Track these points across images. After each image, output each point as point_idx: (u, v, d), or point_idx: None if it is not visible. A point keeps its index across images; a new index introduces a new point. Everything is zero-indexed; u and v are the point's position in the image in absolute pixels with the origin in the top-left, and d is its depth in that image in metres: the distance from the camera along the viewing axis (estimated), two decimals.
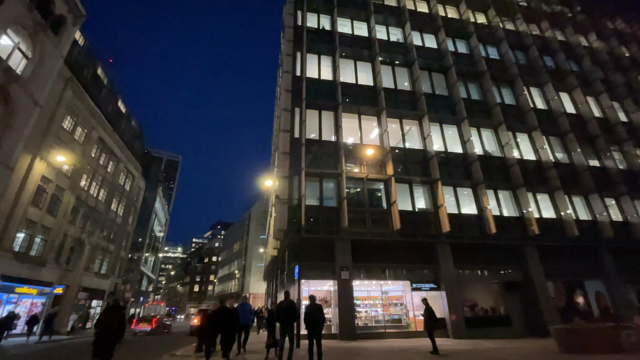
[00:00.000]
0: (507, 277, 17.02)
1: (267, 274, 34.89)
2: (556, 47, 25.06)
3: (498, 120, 20.17)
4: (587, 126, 21.81)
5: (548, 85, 22.78)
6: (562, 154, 20.73)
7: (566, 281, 17.54)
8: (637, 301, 17.73)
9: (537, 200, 18.82)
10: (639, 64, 27.05)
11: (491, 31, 24.72)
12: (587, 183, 19.43)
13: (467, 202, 18.06)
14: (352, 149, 17.65)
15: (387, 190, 17.03)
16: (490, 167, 18.95)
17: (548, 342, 12.31)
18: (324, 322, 8.82)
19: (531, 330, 15.98)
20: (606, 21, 28.99)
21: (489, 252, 17.10)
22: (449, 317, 15.08)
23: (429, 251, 16.50)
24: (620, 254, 18.24)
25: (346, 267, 14.96)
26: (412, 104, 19.92)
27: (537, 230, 17.04)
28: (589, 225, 18.52)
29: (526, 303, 16.65)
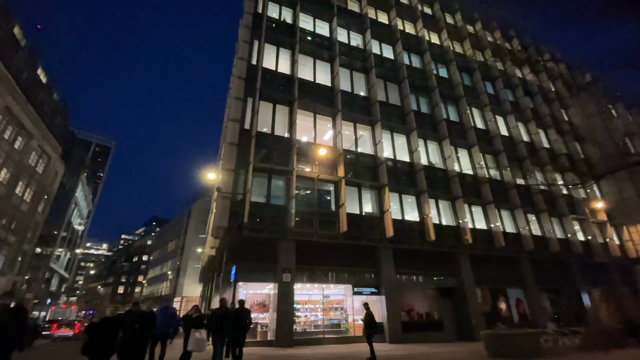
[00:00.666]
0: (442, 283, 17.79)
1: (204, 276, 32.44)
2: (496, 75, 27.58)
3: (443, 134, 21.31)
4: (517, 148, 24.21)
5: (487, 108, 24.84)
6: (495, 171, 22.62)
7: (492, 288, 18.93)
8: (550, 308, 19.88)
9: (472, 211, 20.18)
10: (561, 98, 31.13)
11: (443, 52, 26.30)
12: (514, 199, 21.42)
13: (411, 209, 18.60)
14: (305, 148, 17.06)
15: (337, 192, 16.73)
16: (433, 177, 19.82)
17: (476, 346, 12.92)
18: (247, 328, 8.63)
19: (460, 334, 16.83)
20: (537, 58, 32.90)
21: (427, 259, 17.72)
22: (386, 322, 15.13)
23: (372, 255, 16.54)
24: (538, 265, 20.34)
25: (289, 270, 14.19)
26: (366, 109, 20.08)
27: (470, 239, 18.15)
28: (514, 237, 20.35)
29: (457, 308, 17.55)
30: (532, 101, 28.39)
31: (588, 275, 21.81)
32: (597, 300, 21.73)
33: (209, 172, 17.48)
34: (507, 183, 22.03)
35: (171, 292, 52.66)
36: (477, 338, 16.04)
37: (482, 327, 16.63)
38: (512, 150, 24.03)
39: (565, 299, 21.01)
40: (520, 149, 24.18)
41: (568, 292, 21.14)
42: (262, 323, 14.10)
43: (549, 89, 30.89)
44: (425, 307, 17.20)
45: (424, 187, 18.56)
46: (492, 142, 23.46)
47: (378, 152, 18.58)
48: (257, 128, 16.00)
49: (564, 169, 25.63)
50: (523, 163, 23.79)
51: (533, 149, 25.20)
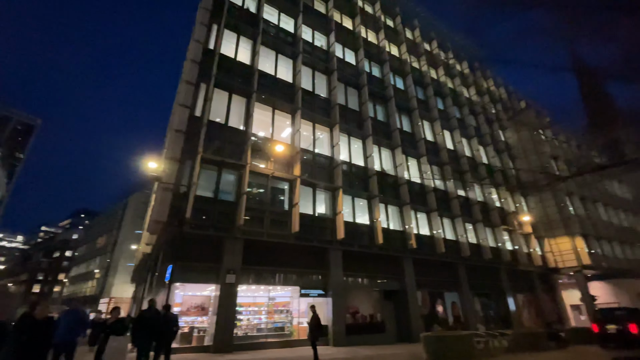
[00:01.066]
0: (386, 286, 18.24)
1: (137, 276, 29.57)
2: (446, 92, 29.50)
3: (396, 143, 22.08)
4: (460, 162, 26.05)
5: (437, 122, 26.38)
6: (440, 181, 24.03)
7: (431, 292, 19.93)
8: (480, 311, 21.52)
9: (417, 218, 21.13)
10: (501, 120, 34.38)
11: (401, 64, 27.42)
12: (455, 208, 22.92)
13: (362, 212, 18.85)
14: (261, 143, 16.36)
15: (291, 191, 16.28)
16: (384, 183, 20.37)
17: (415, 347, 13.33)
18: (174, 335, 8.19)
19: (400, 336, 17.36)
20: (483, 81, 35.98)
21: (374, 261, 18.06)
22: (332, 325, 14.99)
23: (322, 257, 16.36)
24: (472, 271, 21.93)
25: (234, 270, 13.33)
26: (326, 111, 20.01)
27: (414, 244, 18.92)
28: (453, 244, 21.71)
29: (399, 310, 18.11)
30: (475, 120, 30.88)
31: (514, 281, 24.13)
32: (520, 305, 24.13)
33: (150, 161, 15.85)
34: (449, 193, 23.52)
35: (97, 292, 47.32)
36: (416, 339, 16.68)
37: (420, 329, 17.39)
38: (456, 163, 25.79)
39: (494, 302, 22.97)
40: (463, 162, 26.05)
41: (496, 296, 23.15)
42: (199, 327, 13.02)
43: (490, 110, 33.93)
44: (370, 309, 17.46)
45: (376, 191, 18.97)
46: (439, 154, 24.91)
47: (335, 154, 18.56)
48: (210, 117, 14.93)
49: (499, 184, 28.25)
50: (464, 176, 25.65)
51: (474, 164, 27.35)
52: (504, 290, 23.22)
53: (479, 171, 27.15)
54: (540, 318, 24.46)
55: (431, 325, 18.51)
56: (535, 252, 26.99)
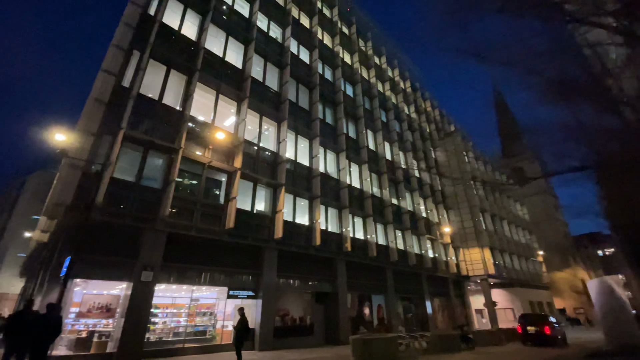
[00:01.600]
0: (318, 288, 18.12)
1: (28, 269, 24.68)
2: (390, 107, 31.11)
3: (341, 147, 22.41)
4: (396, 172, 27.56)
5: (379, 133, 27.58)
6: (377, 189, 25.05)
7: (360, 294, 20.47)
8: (402, 314, 22.77)
9: (354, 222, 21.62)
10: (433, 139, 37.52)
11: (352, 72, 28.10)
12: (388, 215, 24.07)
13: (302, 212, 18.53)
14: (200, 128, 14.92)
15: (229, 184, 15.15)
16: (327, 185, 20.42)
17: (342, 350, 13.36)
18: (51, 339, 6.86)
19: (328, 339, 17.35)
20: (422, 102, 38.94)
21: (309, 263, 17.83)
22: (259, 328, 14.22)
23: (256, 256, 15.52)
24: (398, 275, 23.18)
25: (152, 267, 11.73)
26: (275, 105, 19.29)
27: (349, 247, 19.25)
28: (383, 249, 22.72)
29: (328, 313, 18.12)
30: (412, 136, 33.17)
31: (432, 286, 26.23)
32: (436, 309, 26.31)
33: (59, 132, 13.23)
34: (384, 201, 24.66)
35: None
36: (343, 342, 16.86)
37: (348, 331, 17.63)
38: (392, 173, 27.23)
39: (414, 306, 24.61)
40: (398, 173, 27.61)
41: (417, 300, 24.87)
42: (101, 331, 11.09)
43: (425, 129, 36.84)
44: (300, 311, 17.12)
45: (318, 192, 18.85)
46: (378, 163, 26.01)
47: (280, 151, 17.94)
48: (141, 90, 13.07)
49: (427, 196, 30.68)
50: (399, 186, 27.21)
51: (407, 176, 29.21)
52: (424, 294, 25.06)
53: (411, 183, 29.08)
54: (451, 321, 27.00)
55: (357, 328, 18.95)
56: (452, 260, 29.87)
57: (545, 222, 49.79)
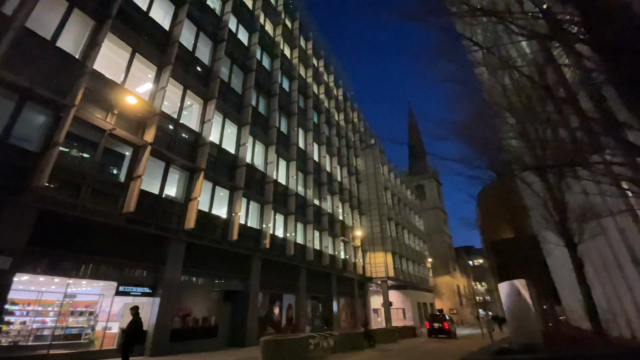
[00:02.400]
0: (229, 286, 16.80)
1: None
2: (322, 110, 31.57)
3: (272, 140, 21.56)
4: (321, 174, 27.99)
5: (310, 134, 27.64)
6: (302, 188, 24.94)
7: (273, 293, 19.81)
8: (310, 313, 22.92)
9: (276, 218, 20.96)
10: (356, 148, 39.52)
11: (291, 67, 27.53)
12: (309, 215, 24.14)
13: (221, 203, 17.00)
14: (104, 87, 12.20)
15: (135, 160, 12.77)
16: (252, 177, 19.30)
17: (249, 352, 12.50)
18: None
19: (233, 340, 16.16)
20: (350, 112, 40.74)
21: (221, 259, 16.42)
22: (153, 330, 12.25)
23: (159, 247, 13.45)
24: (311, 275, 23.34)
25: (10, 251, 8.91)
26: (204, 81, 17.32)
27: (268, 244, 18.49)
28: (301, 248, 22.61)
29: (236, 313, 16.93)
30: (339, 142, 34.34)
31: (340, 287, 27.29)
32: (341, 308, 27.40)
33: None
34: (307, 200, 24.70)
35: None
36: (249, 343, 15.98)
37: (255, 332, 16.79)
38: (318, 174, 27.57)
39: (322, 305, 25.13)
40: (323, 175, 28.10)
41: (325, 300, 25.46)
42: None
43: (351, 137, 38.65)
44: (205, 311, 15.52)
45: (242, 184, 17.60)
46: (306, 163, 25.99)
47: (204, 132, 16.11)
48: (27, 23, 9.96)
49: (345, 200, 32.04)
50: (322, 187, 27.68)
51: (331, 179, 30.01)
52: (332, 294, 25.86)
53: (333, 186, 29.95)
54: (353, 320, 28.55)
55: (265, 328, 18.25)
56: (360, 262, 31.75)
57: (435, 233, 57.64)
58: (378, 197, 36.65)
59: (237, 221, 16.63)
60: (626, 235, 11.47)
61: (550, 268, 32.71)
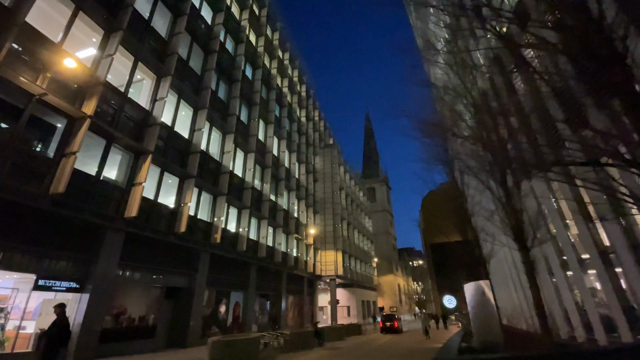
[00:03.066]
0: (172, 282, 15.42)
1: None
2: (285, 104, 30.89)
3: (230, 129, 20.40)
4: (279, 170, 27.32)
5: (270, 127, 26.81)
6: (259, 182, 24.05)
7: (220, 291, 18.69)
8: (258, 311, 22.16)
9: (229, 212, 19.88)
10: (316, 146, 39.44)
11: (256, 55, 26.41)
12: (265, 210, 23.35)
13: (169, 191, 15.56)
14: (36, 44, 10.27)
15: (69, 133, 11.00)
16: (206, 166, 18.04)
17: (189, 354, 11.55)
18: None
19: (173, 341, 14.87)
20: (312, 110, 40.51)
21: (165, 252, 15.02)
22: (79, 331, 10.66)
23: (92, 237, 11.79)
24: (261, 272, 22.60)
25: None
26: (159, 55, 15.67)
27: (219, 239, 17.41)
28: (253, 244, 21.76)
29: (178, 311, 15.62)
30: (299, 139, 33.94)
31: (290, 284, 26.91)
32: (289, 306, 27.03)
33: None
34: (264, 195, 23.89)
35: None
36: (191, 344, 14.86)
37: (198, 332, 15.70)
38: (276, 169, 26.88)
39: (271, 303, 24.50)
40: (281, 171, 27.47)
41: (274, 297, 24.87)
42: None
43: (311, 135, 38.43)
44: (142, 309, 14.04)
45: (194, 172, 16.29)
46: (264, 156, 25.14)
47: (155, 111, 14.54)
48: None
49: (301, 198, 31.78)
50: (279, 183, 27.03)
51: (289, 176, 29.47)
52: (281, 292, 25.38)
53: (291, 182, 29.46)
54: (300, 318, 28.38)
55: (209, 327, 17.18)
56: (311, 260, 31.70)
57: (382, 234, 60.27)
58: (333, 196, 37.03)
59: (186, 212, 15.33)
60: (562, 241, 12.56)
61: (490, 270, 35.96)
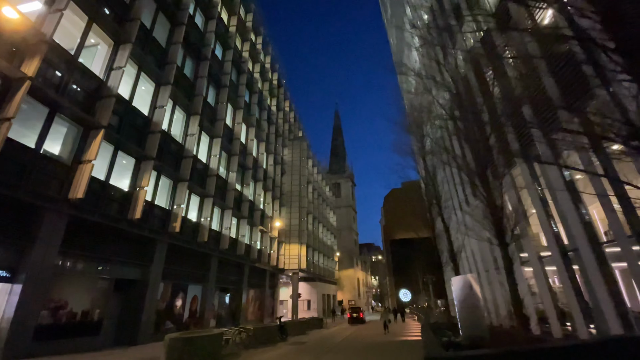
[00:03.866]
0: (123, 273, 13.97)
1: None
2: (256, 90, 29.59)
3: (196, 110, 18.97)
4: (247, 158, 26.16)
5: (239, 112, 25.49)
6: (224, 169, 22.78)
7: (177, 283, 17.40)
8: (217, 306, 21.06)
9: (190, 199, 18.55)
10: (285, 137, 38.43)
11: (227, 35, 24.83)
12: (229, 200, 22.19)
13: (122, 173, 13.99)
14: None
15: (3, 97, 9.27)
16: (167, 148, 16.57)
17: (140, 352, 10.47)
18: None
19: (121, 337, 13.50)
20: (283, 100, 39.40)
21: (117, 240, 13.57)
22: (9, 328, 9.12)
23: (25, 219, 10.17)
24: (223, 264, 21.50)
25: None
26: (118, 19, 13.92)
27: (178, 227, 16.15)
28: (215, 234, 20.58)
29: (129, 305, 14.23)
30: (268, 128, 32.81)
31: (252, 277, 26.00)
32: (250, 300, 26.14)
33: None
34: (230, 184, 22.69)
35: None
36: (144, 341, 13.65)
37: (150, 328, 14.47)
38: (243, 158, 25.70)
39: (231, 297, 23.47)
40: (249, 160, 26.32)
41: (234, 291, 23.86)
42: None
43: (280, 125, 37.40)
44: (86, 303, 12.50)
45: (153, 153, 14.83)
46: (232, 143, 23.88)
47: (111, 81, 12.92)
48: None
49: (268, 189, 30.84)
50: (246, 172, 25.90)
51: (256, 165, 28.36)
52: (243, 285, 24.44)
53: (258, 173, 28.39)
54: (260, 312, 27.65)
55: (163, 323, 15.93)
56: (274, 253, 30.96)
57: (345, 230, 61.07)
58: (300, 190, 36.51)
59: (142, 197, 13.88)
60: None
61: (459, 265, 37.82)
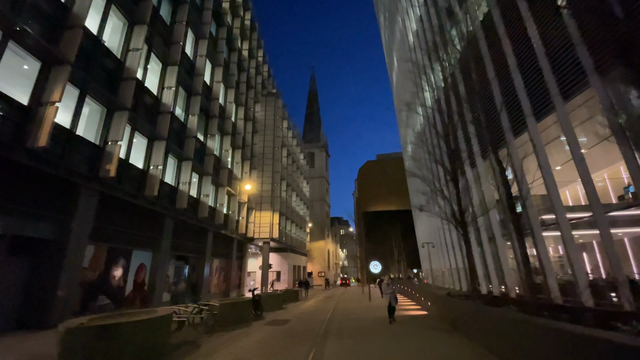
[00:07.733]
0: (27, 230, 9.64)
1: None
2: (224, 23, 24.29)
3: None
4: (211, 104, 21.51)
5: (204, 43, 20.28)
6: (181, 111, 18.15)
7: (113, 247, 13.20)
8: (173, 277, 17.24)
9: (134, 139, 14.02)
10: (257, 92, 33.54)
11: None
12: (189, 149, 17.76)
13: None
14: None
15: None
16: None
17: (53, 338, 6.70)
18: None
19: (24, 319, 9.44)
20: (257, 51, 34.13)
21: (11, 179, 9.14)
22: None
23: None
24: (180, 228, 17.51)
25: None
26: None
27: (113, 172, 11.75)
28: (170, 189, 16.41)
29: (35, 275, 10.05)
30: (238, 75, 27.81)
31: (216, 246, 22.23)
32: (214, 271, 22.49)
33: None
34: (189, 130, 18.14)
35: None
36: (59, 322, 9.61)
37: (73, 304, 10.51)
38: (207, 101, 21.03)
39: (190, 267, 19.65)
40: (214, 106, 21.63)
41: (195, 260, 20.02)
42: None
43: (252, 76, 32.25)
44: None
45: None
46: (193, 79, 19.04)
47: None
48: None
49: (237, 147, 26.54)
50: (210, 120, 21.30)
51: (223, 115, 23.75)
52: (206, 254, 20.64)
53: (225, 124, 23.87)
54: (225, 284, 24.23)
55: (95, 299, 11.95)
56: (243, 220, 27.23)
57: (317, 201, 58.44)
58: (274, 152, 32.51)
59: (50, 117, 9.33)
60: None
61: (418, 240, 36.46)
